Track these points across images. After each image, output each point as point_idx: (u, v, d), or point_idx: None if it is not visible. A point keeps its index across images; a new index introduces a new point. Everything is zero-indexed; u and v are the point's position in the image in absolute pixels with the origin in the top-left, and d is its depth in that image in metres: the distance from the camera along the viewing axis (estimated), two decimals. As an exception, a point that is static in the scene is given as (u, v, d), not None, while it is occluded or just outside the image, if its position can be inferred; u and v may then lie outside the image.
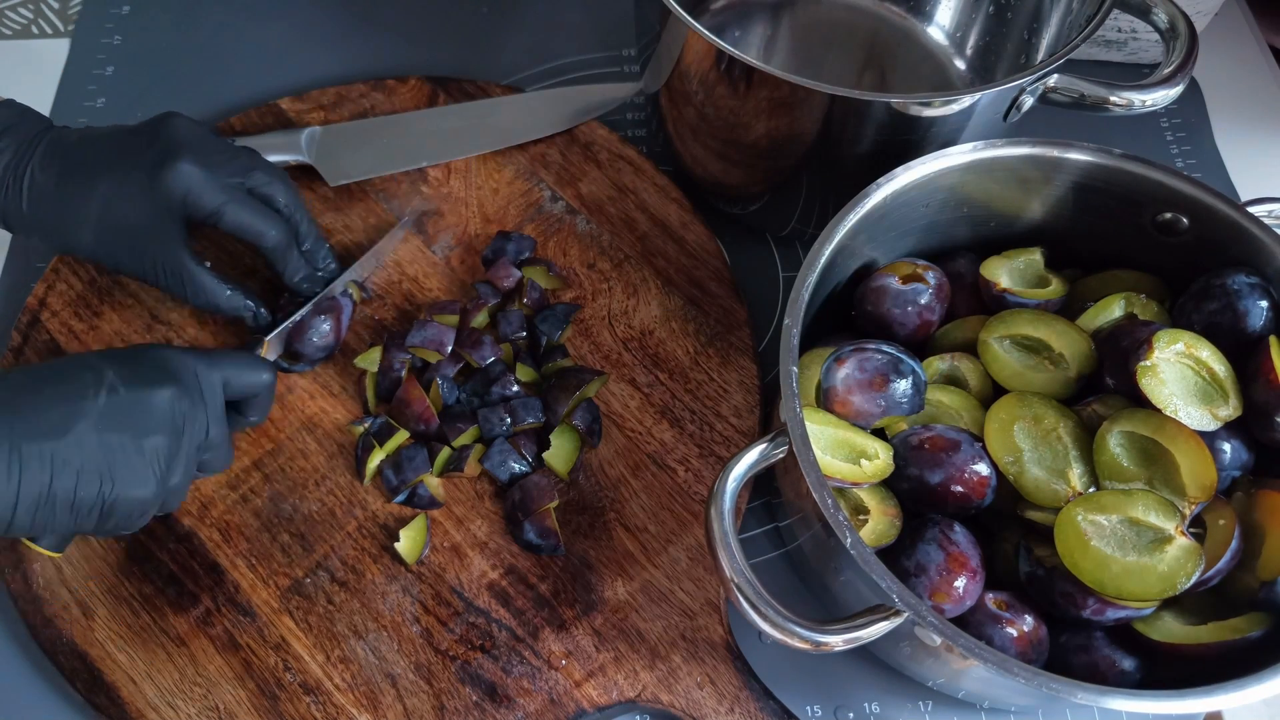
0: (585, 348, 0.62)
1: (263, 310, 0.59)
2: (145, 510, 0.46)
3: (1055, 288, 0.54)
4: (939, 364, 0.53)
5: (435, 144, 0.69)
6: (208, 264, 0.57)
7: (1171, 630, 0.46)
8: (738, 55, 0.52)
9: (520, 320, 0.61)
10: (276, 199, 0.57)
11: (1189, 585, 0.43)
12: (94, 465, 0.44)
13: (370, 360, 0.59)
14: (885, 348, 0.49)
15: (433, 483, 0.57)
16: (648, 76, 0.64)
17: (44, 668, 0.53)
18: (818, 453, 0.44)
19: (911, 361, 0.49)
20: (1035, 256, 0.56)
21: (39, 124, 0.56)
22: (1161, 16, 0.56)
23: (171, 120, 0.55)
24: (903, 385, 0.49)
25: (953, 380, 0.53)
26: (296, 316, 0.58)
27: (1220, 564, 0.45)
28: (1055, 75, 0.54)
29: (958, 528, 0.47)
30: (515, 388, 0.58)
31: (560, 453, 0.57)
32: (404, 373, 0.59)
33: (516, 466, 0.56)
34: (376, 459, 0.57)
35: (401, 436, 0.57)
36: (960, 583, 0.46)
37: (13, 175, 0.54)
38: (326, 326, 0.59)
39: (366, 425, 0.58)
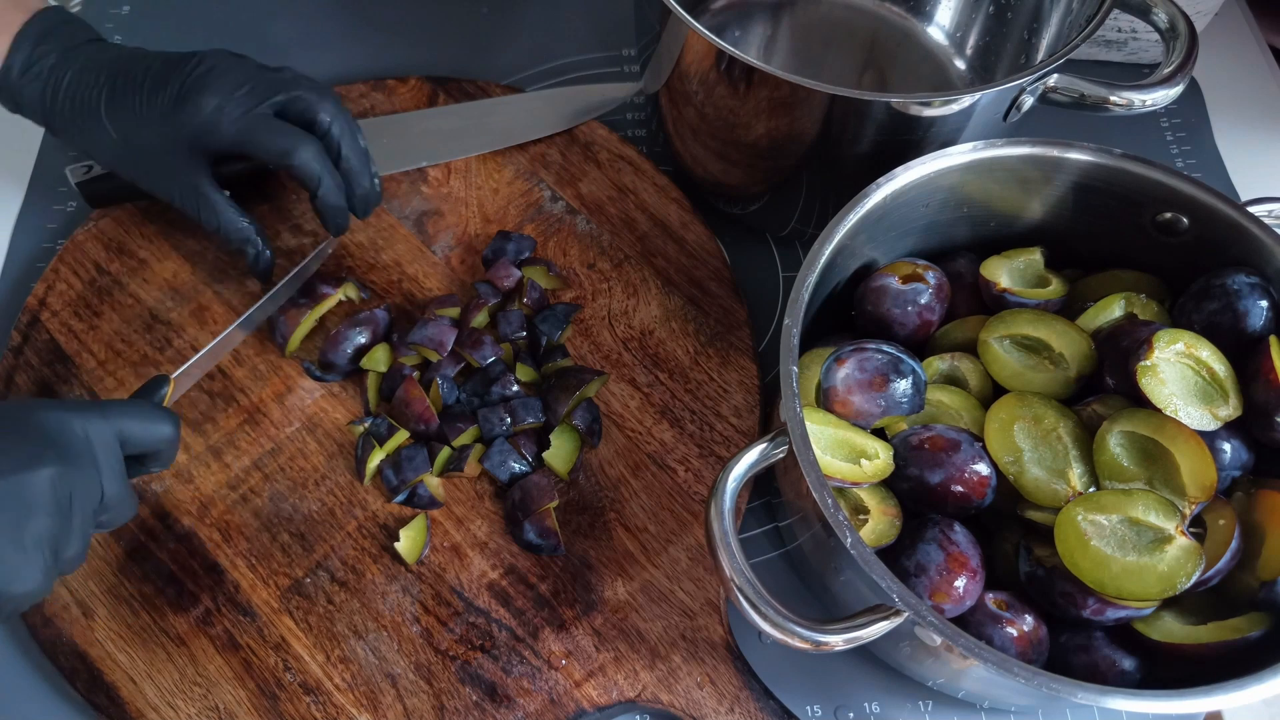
0: (585, 348, 0.62)
1: (267, 252, 0.59)
2: (36, 597, 0.42)
3: (1055, 288, 0.54)
4: (939, 364, 0.53)
5: (435, 144, 0.69)
6: (227, 193, 0.57)
7: (1171, 630, 0.46)
8: (738, 55, 0.52)
9: (520, 320, 0.61)
10: (316, 114, 0.56)
11: (1189, 585, 0.43)
12: None
13: (374, 362, 0.59)
14: (885, 348, 0.49)
15: (433, 483, 0.57)
16: (648, 76, 0.64)
17: (44, 668, 0.53)
18: (818, 453, 0.44)
19: (911, 361, 0.49)
20: (1035, 256, 0.56)
21: (85, 33, 0.57)
22: (1161, 16, 0.56)
23: (206, 55, 0.56)
24: (903, 385, 0.49)
25: (953, 380, 0.53)
26: (290, 277, 0.59)
27: (1220, 564, 0.45)
28: (1055, 75, 0.54)
29: (958, 528, 0.47)
30: (515, 388, 0.58)
31: (560, 453, 0.57)
32: (410, 373, 0.59)
33: (516, 466, 0.56)
34: (376, 459, 0.57)
35: (401, 436, 0.57)
36: (960, 583, 0.46)
37: (54, 78, 0.55)
38: (362, 339, 0.59)
39: (366, 425, 0.58)
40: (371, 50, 0.77)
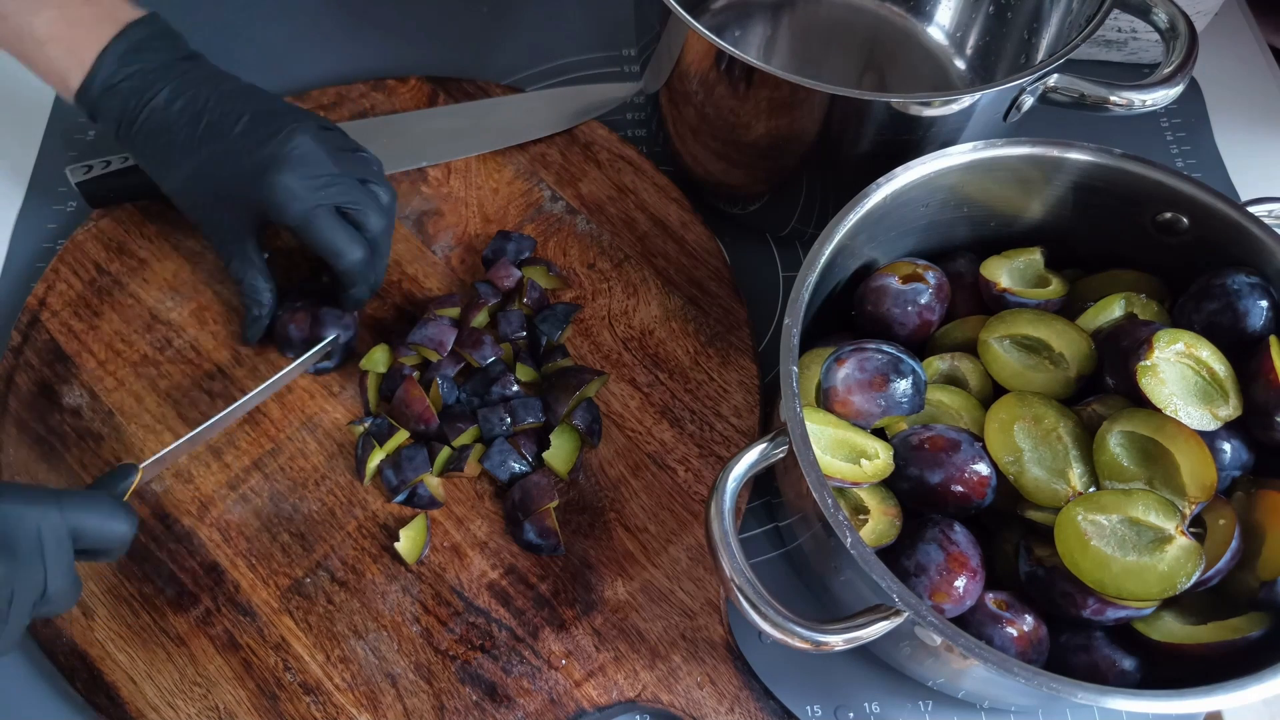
0: (585, 348, 0.62)
1: (265, 321, 0.60)
2: None
3: (1055, 288, 0.54)
4: (939, 364, 0.53)
5: (435, 144, 0.69)
6: (267, 254, 0.59)
7: (1172, 630, 0.46)
8: (738, 55, 0.52)
9: (520, 320, 0.61)
10: (367, 222, 0.57)
11: (1189, 585, 0.43)
12: None
13: (374, 362, 0.59)
14: (885, 348, 0.49)
15: (433, 483, 0.57)
16: (648, 76, 0.64)
17: (44, 667, 0.53)
18: (818, 453, 0.44)
19: (911, 361, 0.49)
20: (1035, 256, 0.56)
21: (179, 49, 0.57)
22: (1161, 16, 0.56)
23: (299, 130, 0.55)
24: (903, 385, 0.49)
25: (953, 380, 0.53)
26: (284, 374, 0.58)
27: (1220, 564, 0.45)
28: (1055, 75, 0.54)
29: (958, 528, 0.47)
30: (515, 388, 0.58)
31: (560, 453, 0.57)
32: (410, 373, 0.59)
33: (516, 466, 0.56)
34: (376, 459, 0.57)
35: (401, 436, 0.57)
36: (960, 583, 0.46)
37: (135, 100, 0.55)
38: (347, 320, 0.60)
39: (366, 425, 0.58)
40: (371, 50, 0.77)
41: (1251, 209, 0.51)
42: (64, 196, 0.69)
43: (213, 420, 0.55)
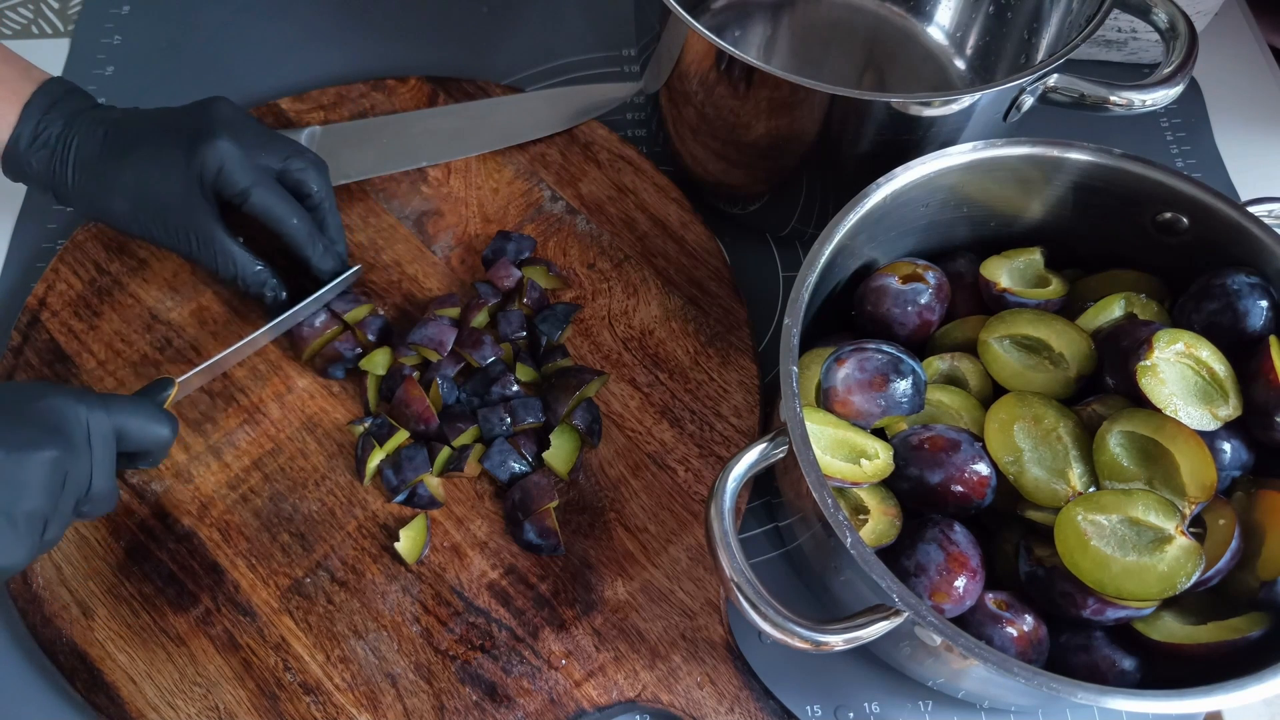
0: (585, 348, 0.62)
1: (283, 294, 0.60)
2: (14, 571, 0.43)
3: (1055, 287, 0.54)
4: (939, 364, 0.53)
5: (435, 144, 0.69)
6: (240, 239, 0.58)
7: (1172, 630, 0.46)
8: (738, 55, 0.52)
9: (520, 320, 0.61)
10: (309, 186, 0.59)
11: (1189, 585, 0.43)
12: None
13: (374, 364, 0.59)
14: (885, 348, 0.49)
15: (433, 483, 0.57)
16: (648, 76, 0.64)
17: (44, 667, 0.53)
18: (818, 453, 0.45)
19: (911, 361, 0.49)
20: (1035, 256, 0.56)
21: (87, 101, 0.58)
22: (1161, 16, 0.56)
23: (214, 103, 0.57)
24: (903, 385, 0.49)
25: (953, 380, 0.53)
26: (300, 307, 0.59)
27: (1220, 564, 0.45)
28: (1055, 75, 0.54)
29: (958, 527, 0.47)
30: (515, 388, 0.58)
31: (560, 453, 0.57)
32: (410, 373, 0.59)
33: (516, 466, 0.56)
34: (376, 459, 0.57)
35: (401, 436, 0.57)
36: (960, 582, 0.46)
37: (61, 145, 0.56)
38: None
39: (366, 425, 0.58)
40: (371, 50, 0.77)
41: (1251, 209, 0.51)
42: (64, 196, 0.69)
43: (244, 341, 0.57)
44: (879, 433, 0.50)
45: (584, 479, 0.58)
